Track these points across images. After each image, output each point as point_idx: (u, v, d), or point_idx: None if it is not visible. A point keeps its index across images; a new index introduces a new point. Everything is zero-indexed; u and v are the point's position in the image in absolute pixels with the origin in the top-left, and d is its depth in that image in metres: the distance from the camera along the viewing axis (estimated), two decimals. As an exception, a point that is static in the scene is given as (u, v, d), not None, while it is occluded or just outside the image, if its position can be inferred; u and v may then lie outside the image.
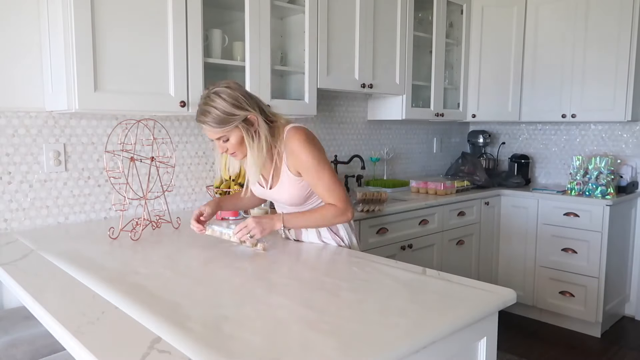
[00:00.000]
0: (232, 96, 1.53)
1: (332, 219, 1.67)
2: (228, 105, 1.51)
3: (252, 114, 1.56)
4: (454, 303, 1.20)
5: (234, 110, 1.52)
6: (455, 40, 3.59)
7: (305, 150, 1.59)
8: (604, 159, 3.24)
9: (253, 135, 1.57)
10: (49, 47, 1.92)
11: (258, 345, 0.95)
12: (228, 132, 1.55)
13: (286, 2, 2.48)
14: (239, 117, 1.53)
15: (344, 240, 1.80)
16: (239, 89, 1.57)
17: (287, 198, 1.72)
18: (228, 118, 1.52)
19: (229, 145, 1.59)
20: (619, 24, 3.19)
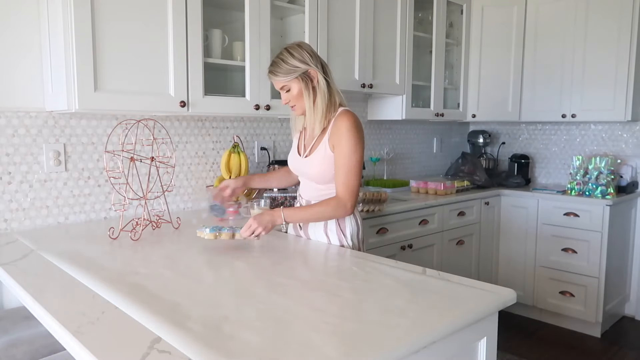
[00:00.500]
0: (298, 52, 1.72)
1: (332, 213, 1.74)
2: (293, 58, 1.71)
3: (313, 69, 1.73)
4: (454, 303, 1.20)
5: (297, 63, 1.71)
6: (455, 40, 3.59)
7: (350, 132, 1.70)
8: (604, 159, 3.24)
9: (310, 89, 1.73)
10: (49, 47, 1.92)
11: (258, 345, 0.95)
12: (289, 82, 1.74)
13: (286, 2, 2.48)
14: (299, 70, 1.71)
15: (347, 240, 1.81)
16: (308, 47, 1.76)
17: (316, 171, 1.79)
18: (290, 69, 1.71)
19: (290, 96, 1.76)
20: (619, 24, 3.19)
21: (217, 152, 2.60)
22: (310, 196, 1.86)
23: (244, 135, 2.71)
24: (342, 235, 1.82)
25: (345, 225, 1.82)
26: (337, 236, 1.82)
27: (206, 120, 2.55)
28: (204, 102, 2.14)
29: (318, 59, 1.76)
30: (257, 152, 2.76)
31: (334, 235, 1.82)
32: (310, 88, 1.73)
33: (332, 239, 1.82)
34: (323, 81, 1.74)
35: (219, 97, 2.21)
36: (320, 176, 1.79)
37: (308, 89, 1.73)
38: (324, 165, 1.76)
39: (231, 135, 2.64)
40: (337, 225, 1.81)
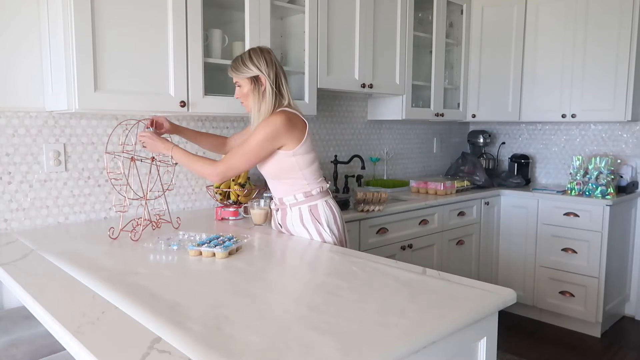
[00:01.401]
0: (257, 56, 1.82)
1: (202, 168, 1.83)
2: (248, 60, 1.82)
3: (263, 76, 1.81)
4: (454, 303, 1.20)
5: (249, 64, 1.81)
6: (455, 40, 3.59)
7: (268, 121, 1.78)
8: (604, 159, 3.24)
9: (258, 93, 1.83)
10: (49, 47, 1.92)
11: (258, 345, 0.95)
12: (240, 80, 1.85)
13: (286, 2, 2.48)
14: (249, 72, 1.82)
15: (324, 228, 1.87)
16: (268, 55, 1.84)
17: (265, 168, 1.89)
18: (241, 67, 1.83)
19: (240, 93, 1.88)
20: (619, 24, 3.19)
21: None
22: (280, 193, 1.93)
23: (244, 135, 2.70)
24: (318, 224, 1.88)
25: (319, 214, 1.88)
26: (313, 226, 1.88)
27: (206, 120, 2.55)
28: (204, 102, 2.14)
29: (273, 69, 1.83)
30: (257, 152, 2.76)
31: (311, 225, 1.88)
32: (258, 92, 1.83)
33: (310, 229, 1.88)
34: (270, 90, 1.82)
35: (219, 97, 2.21)
36: (271, 172, 1.89)
37: (255, 92, 1.84)
38: (270, 162, 1.85)
39: (231, 135, 2.64)
40: (311, 215, 1.88)
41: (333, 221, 1.90)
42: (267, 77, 1.81)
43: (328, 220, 1.89)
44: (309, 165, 1.86)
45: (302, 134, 1.82)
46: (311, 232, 1.89)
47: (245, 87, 1.85)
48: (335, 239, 1.89)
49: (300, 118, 1.85)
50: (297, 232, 1.92)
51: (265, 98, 1.83)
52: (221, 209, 2.25)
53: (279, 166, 1.85)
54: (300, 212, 1.89)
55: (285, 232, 1.97)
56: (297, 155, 1.82)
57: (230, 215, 2.24)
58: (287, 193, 1.90)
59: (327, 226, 1.88)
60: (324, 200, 1.90)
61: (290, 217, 1.92)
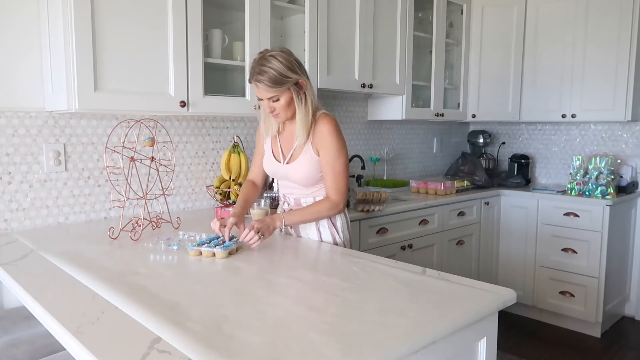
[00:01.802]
0: (287, 60, 1.66)
1: (326, 213, 1.79)
2: (284, 67, 1.64)
3: (303, 78, 1.70)
4: (454, 303, 1.20)
5: (288, 72, 1.65)
6: (455, 40, 3.59)
7: (334, 134, 1.73)
8: (604, 159, 3.24)
9: (302, 99, 1.70)
10: (49, 47, 1.92)
11: (258, 345, 0.95)
12: (280, 93, 1.67)
13: (286, 2, 2.48)
14: (292, 80, 1.66)
15: (339, 232, 1.87)
16: (292, 54, 1.71)
17: (301, 175, 1.80)
18: (283, 79, 1.64)
19: (277, 106, 1.70)
20: (619, 24, 3.19)
21: (217, 152, 2.60)
22: (298, 195, 1.88)
23: (244, 135, 2.71)
24: (334, 229, 1.87)
25: (336, 220, 1.87)
26: (329, 230, 1.86)
27: (206, 120, 2.55)
28: (204, 102, 2.14)
29: (303, 66, 1.73)
30: (257, 152, 2.76)
31: (326, 230, 1.86)
32: (300, 98, 1.70)
33: (323, 233, 1.87)
34: (311, 90, 1.72)
35: (219, 97, 2.21)
36: (307, 180, 1.82)
37: (299, 98, 1.70)
38: (310, 169, 1.79)
39: (231, 135, 2.64)
40: (328, 220, 1.86)
41: (346, 227, 1.90)
42: (307, 79, 1.72)
43: (343, 226, 1.88)
44: None
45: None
46: (324, 235, 1.86)
47: (285, 98, 1.68)
48: (347, 243, 1.89)
49: None
50: (309, 233, 1.89)
51: (308, 101, 1.71)
52: (221, 209, 2.25)
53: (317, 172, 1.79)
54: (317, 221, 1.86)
55: (292, 233, 1.94)
56: None
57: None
58: (307, 195, 1.86)
59: (342, 232, 1.87)
60: None
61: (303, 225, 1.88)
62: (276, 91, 1.66)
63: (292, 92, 1.68)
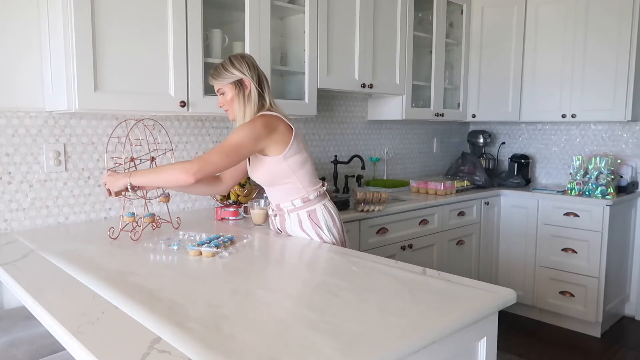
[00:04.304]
0: (238, 61, 1.80)
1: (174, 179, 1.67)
2: (229, 63, 1.80)
3: (247, 79, 1.79)
4: (454, 303, 1.20)
5: (231, 68, 1.79)
6: (455, 40, 3.59)
7: (243, 127, 1.74)
8: (604, 159, 3.24)
9: (242, 97, 1.81)
10: (49, 47, 1.92)
11: (258, 345, 0.95)
12: (224, 86, 1.82)
13: (286, 2, 2.48)
14: (233, 76, 1.79)
15: (324, 231, 1.86)
16: (249, 59, 1.83)
17: (258, 176, 1.86)
18: (224, 73, 1.80)
19: (222, 100, 1.84)
20: (619, 24, 3.19)
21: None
22: (278, 199, 1.89)
23: (244, 135, 2.70)
24: (318, 228, 1.86)
25: (318, 219, 1.86)
26: (313, 230, 1.86)
27: (206, 120, 2.55)
28: (204, 102, 2.14)
29: (256, 72, 1.82)
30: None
31: (311, 230, 1.86)
32: (242, 95, 1.80)
33: (310, 233, 1.87)
34: (255, 92, 1.80)
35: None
36: (260, 178, 1.86)
37: (239, 96, 1.81)
38: (259, 171, 1.83)
39: (231, 135, 2.64)
40: (310, 220, 1.86)
41: (332, 224, 1.88)
42: (251, 79, 1.79)
43: (327, 223, 1.87)
44: (300, 167, 1.81)
45: (288, 137, 1.77)
46: (311, 236, 1.87)
47: (229, 93, 1.81)
48: (336, 241, 1.88)
49: (282, 120, 1.79)
50: (297, 236, 1.90)
51: (250, 101, 1.80)
52: (221, 209, 2.25)
53: (271, 173, 1.81)
54: (299, 218, 1.87)
55: (282, 232, 1.96)
56: (288, 159, 1.77)
57: (230, 215, 2.24)
58: (284, 199, 1.87)
59: (327, 230, 1.86)
60: (321, 204, 1.87)
61: (289, 223, 1.90)
62: (219, 84, 1.82)
63: (234, 88, 1.80)
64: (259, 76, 1.82)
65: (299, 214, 1.87)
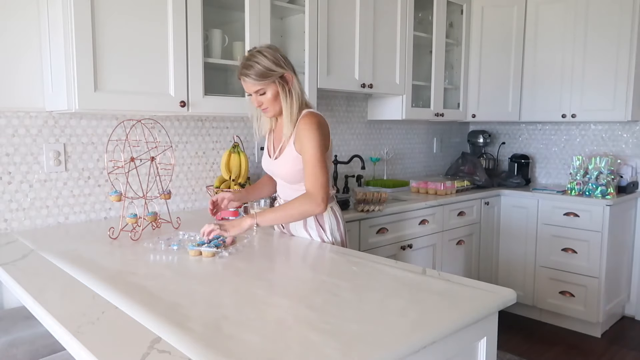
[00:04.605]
0: (272, 54, 1.72)
1: (304, 208, 1.73)
2: (269, 61, 1.70)
3: (288, 72, 1.74)
4: (454, 303, 1.20)
5: (273, 66, 1.70)
6: (455, 40, 3.59)
7: (311, 130, 1.71)
8: (604, 159, 3.24)
9: (287, 93, 1.74)
10: (49, 47, 1.92)
11: (258, 345, 0.95)
12: (266, 86, 1.72)
13: (286, 2, 2.48)
14: (277, 74, 1.71)
15: (327, 233, 1.86)
16: (279, 50, 1.76)
17: (285, 172, 1.83)
18: (268, 72, 1.70)
19: (264, 99, 1.75)
20: (619, 24, 3.19)
21: (217, 152, 2.60)
22: (287, 195, 1.90)
23: (244, 135, 2.71)
24: (322, 231, 1.86)
25: (323, 221, 1.86)
26: (316, 231, 1.86)
27: (206, 120, 2.55)
28: (204, 102, 2.14)
29: (289, 62, 1.77)
30: (257, 152, 2.76)
31: (314, 232, 1.86)
32: (287, 92, 1.74)
33: (312, 234, 1.87)
34: (297, 85, 1.77)
35: (219, 97, 2.21)
36: (290, 177, 1.83)
37: (285, 93, 1.74)
38: (293, 166, 1.79)
39: (231, 135, 2.64)
40: (315, 221, 1.86)
41: (336, 227, 1.89)
42: (293, 73, 1.75)
43: (331, 226, 1.87)
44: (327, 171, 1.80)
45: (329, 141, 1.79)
46: (313, 237, 1.87)
47: (271, 91, 1.73)
48: (337, 243, 1.88)
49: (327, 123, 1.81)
50: (299, 235, 1.91)
51: (294, 95, 1.75)
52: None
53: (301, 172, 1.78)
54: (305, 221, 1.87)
55: (286, 232, 1.96)
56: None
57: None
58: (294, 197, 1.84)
59: (330, 233, 1.87)
60: (329, 206, 1.86)
61: (294, 225, 1.90)
62: (262, 84, 1.72)
63: (277, 85, 1.73)
64: (292, 66, 1.78)
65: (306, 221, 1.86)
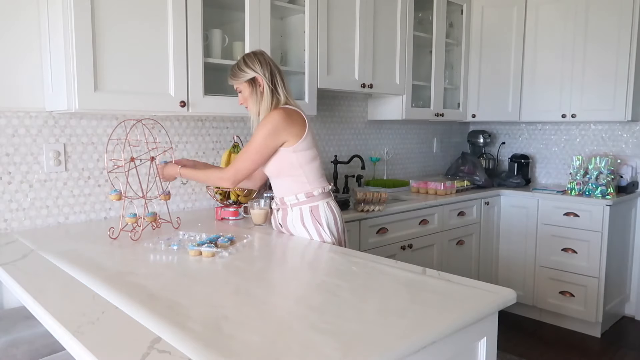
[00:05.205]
0: (249, 57, 1.89)
1: (214, 180, 1.94)
2: (242, 63, 1.89)
3: (259, 76, 1.86)
4: (454, 303, 1.20)
5: (244, 67, 1.88)
6: (455, 40, 3.59)
7: (261, 125, 1.84)
8: (604, 159, 3.24)
9: (257, 94, 1.88)
10: (49, 47, 1.92)
11: (258, 345, 0.95)
12: (240, 85, 1.91)
13: (286, 2, 2.48)
14: (246, 74, 1.87)
15: (324, 228, 1.89)
16: (262, 56, 1.90)
17: (266, 167, 1.91)
18: (239, 72, 1.89)
19: (241, 97, 1.93)
20: (619, 24, 3.19)
21: (217, 152, 2.60)
22: (280, 193, 1.95)
23: (244, 135, 2.71)
24: (319, 225, 1.89)
25: (320, 215, 1.89)
26: (314, 226, 1.89)
27: (206, 120, 2.55)
28: (204, 102, 2.14)
29: (268, 69, 1.87)
30: (257, 152, 2.76)
31: (311, 226, 1.89)
32: (256, 93, 1.88)
33: (310, 229, 1.89)
34: (267, 89, 1.86)
35: (219, 97, 2.21)
36: (271, 171, 1.92)
37: (253, 94, 1.88)
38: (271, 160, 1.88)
39: (231, 135, 2.64)
40: (311, 216, 1.89)
41: (333, 223, 1.90)
42: (263, 77, 1.85)
43: (328, 221, 1.89)
44: (309, 162, 1.87)
45: (303, 130, 1.84)
46: (311, 233, 1.89)
47: (245, 91, 1.90)
48: (335, 240, 1.90)
49: (300, 114, 1.87)
50: (297, 232, 1.93)
51: (263, 98, 1.87)
52: (221, 209, 2.25)
53: (280, 163, 1.86)
54: (301, 212, 1.89)
55: (285, 231, 1.97)
56: (298, 152, 1.84)
57: (230, 215, 2.24)
58: (288, 192, 1.91)
59: (327, 227, 1.89)
60: (325, 201, 1.91)
61: (290, 217, 1.92)
62: (237, 83, 1.91)
63: (249, 86, 1.88)
64: (271, 73, 1.88)
65: (301, 208, 1.89)
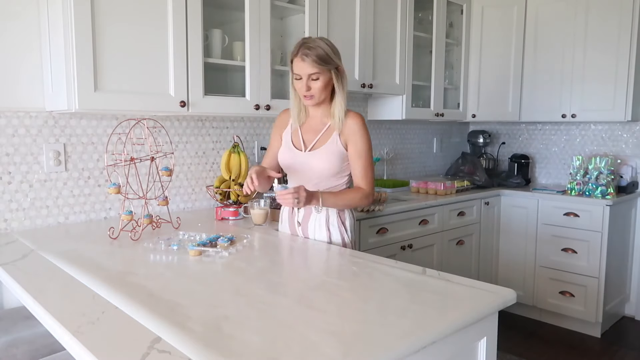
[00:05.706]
0: (331, 45, 1.78)
1: (359, 201, 1.83)
2: (329, 49, 1.76)
3: (343, 67, 1.80)
4: (454, 303, 1.20)
5: (332, 55, 1.76)
6: (455, 40, 3.59)
7: (364, 129, 1.82)
8: (604, 159, 3.24)
9: (342, 84, 1.80)
10: (49, 47, 1.92)
11: (258, 345, 0.95)
12: (322, 72, 1.74)
13: (286, 2, 2.48)
14: (334, 63, 1.77)
15: (347, 231, 1.88)
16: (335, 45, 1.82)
17: (323, 163, 1.83)
18: (328, 58, 1.74)
19: (315, 85, 1.76)
20: (619, 24, 3.19)
21: (217, 152, 2.60)
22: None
23: (244, 135, 2.71)
24: (343, 228, 1.88)
25: (345, 217, 1.89)
26: (337, 229, 1.87)
27: (206, 120, 2.55)
28: (204, 102, 2.14)
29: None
30: (257, 152, 2.76)
31: (335, 228, 1.87)
32: (341, 84, 1.80)
33: (333, 231, 1.87)
34: (346, 80, 1.82)
35: (219, 97, 2.21)
36: (327, 169, 1.83)
37: (339, 84, 1.79)
38: (333, 159, 1.82)
39: (231, 135, 2.64)
40: (338, 218, 1.87)
41: (353, 225, 1.92)
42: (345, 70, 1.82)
43: (350, 224, 1.91)
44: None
45: None
46: (333, 234, 1.86)
47: (323, 79, 1.76)
48: (354, 243, 1.92)
49: None
50: (317, 232, 1.87)
51: (345, 89, 1.81)
52: (221, 209, 2.25)
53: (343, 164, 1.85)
54: (328, 214, 1.86)
55: (300, 234, 1.92)
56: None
57: (230, 215, 2.24)
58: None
59: (350, 230, 1.90)
60: None
61: (314, 218, 1.87)
62: (320, 68, 1.73)
63: (332, 75, 1.77)
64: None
65: (328, 210, 1.86)
